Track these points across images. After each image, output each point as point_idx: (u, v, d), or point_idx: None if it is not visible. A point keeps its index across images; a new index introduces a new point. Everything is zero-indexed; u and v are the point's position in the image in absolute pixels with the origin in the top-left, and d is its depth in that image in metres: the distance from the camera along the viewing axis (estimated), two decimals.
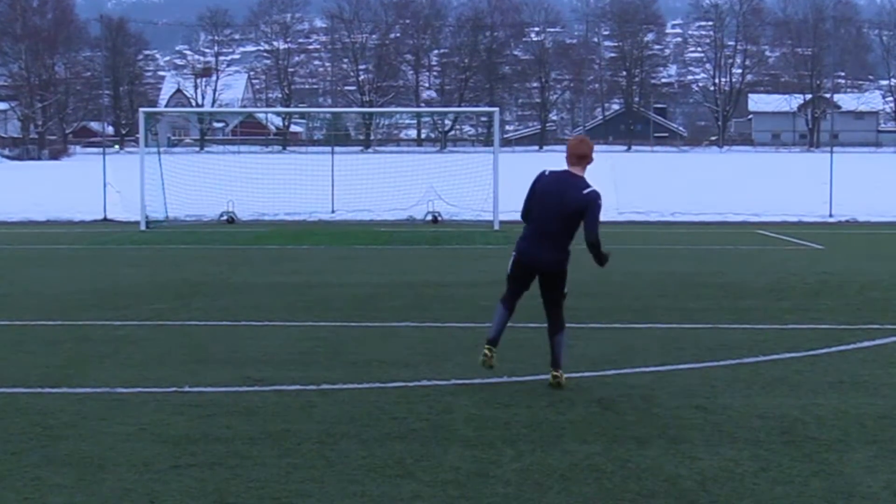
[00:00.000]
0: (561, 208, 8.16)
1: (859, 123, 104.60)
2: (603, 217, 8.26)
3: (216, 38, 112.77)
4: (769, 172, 52.20)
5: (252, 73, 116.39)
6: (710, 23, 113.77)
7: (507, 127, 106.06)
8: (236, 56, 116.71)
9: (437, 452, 6.63)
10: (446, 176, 34.03)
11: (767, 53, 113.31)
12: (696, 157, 78.38)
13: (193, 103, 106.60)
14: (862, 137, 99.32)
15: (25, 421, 7.45)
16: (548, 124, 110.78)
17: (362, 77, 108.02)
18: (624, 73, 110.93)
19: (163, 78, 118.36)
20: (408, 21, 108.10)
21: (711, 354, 9.87)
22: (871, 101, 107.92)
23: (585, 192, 8.14)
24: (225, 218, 31.68)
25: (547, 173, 8.47)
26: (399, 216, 32.80)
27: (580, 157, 8.36)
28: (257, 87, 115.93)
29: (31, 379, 8.85)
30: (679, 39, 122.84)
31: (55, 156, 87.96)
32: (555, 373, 8.44)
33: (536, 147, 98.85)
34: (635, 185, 42.33)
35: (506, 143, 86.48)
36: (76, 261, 20.10)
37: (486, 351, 8.40)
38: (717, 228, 29.33)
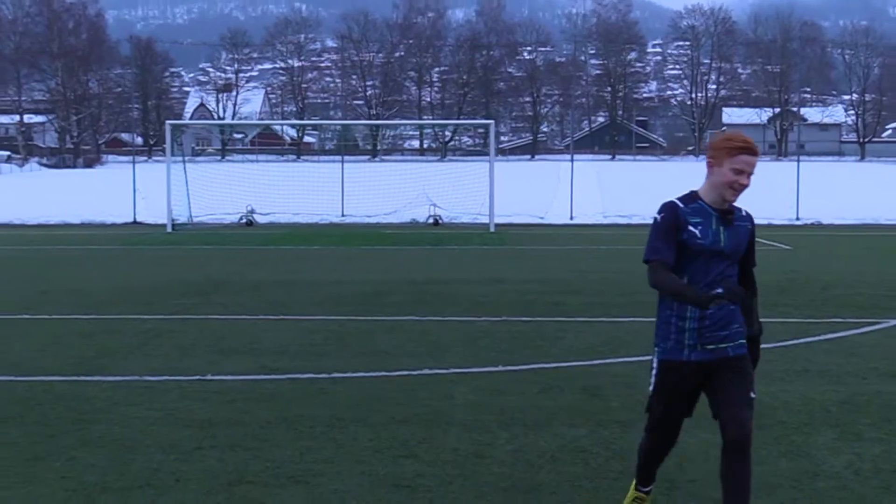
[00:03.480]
0: None
1: (824, 135, 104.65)
2: (589, 220, 8.05)
3: (236, 56, 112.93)
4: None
5: (269, 88, 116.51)
6: (688, 43, 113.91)
7: (502, 138, 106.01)
8: (254, 73, 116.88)
9: (438, 435, 6.64)
10: (446, 183, 34.06)
11: (740, 71, 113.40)
12: (675, 166, 78.32)
13: (215, 116, 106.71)
14: (826, 147, 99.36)
15: (62, 406, 7.47)
16: (539, 135, 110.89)
17: (369, 92, 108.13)
18: (608, 88, 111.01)
19: (187, 93, 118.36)
20: (411, 41, 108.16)
21: None
22: (835, 114, 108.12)
23: None
24: (244, 221, 31.67)
25: None
26: (403, 219, 32.81)
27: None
28: (274, 101, 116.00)
29: (67, 368, 8.86)
30: (659, 58, 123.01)
31: (89, 164, 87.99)
32: None
33: (529, 156, 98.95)
34: (619, 192, 42.33)
35: (500, 152, 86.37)
36: (108, 260, 20.12)
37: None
38: None
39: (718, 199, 4.58)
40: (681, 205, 4.60)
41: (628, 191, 43.09)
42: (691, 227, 4.52)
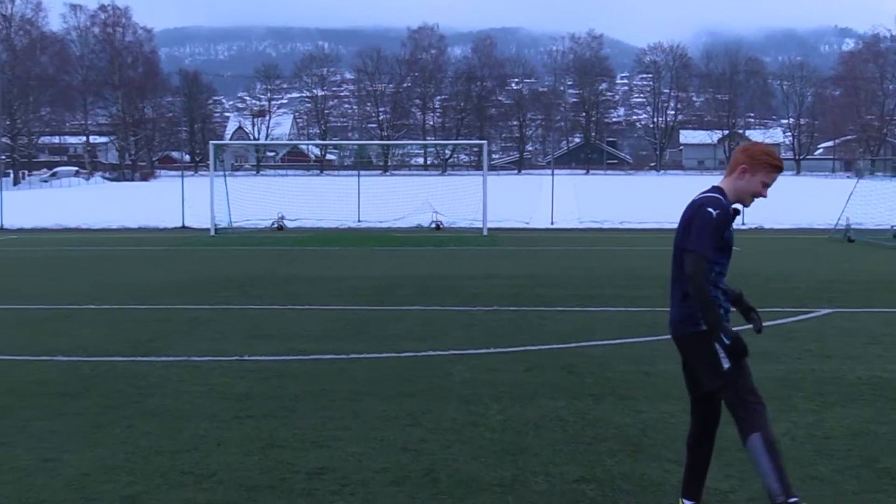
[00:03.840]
0: (677, 237, 4.37)
1: None
2: (567, 225, 7.96)
3: (269, 87, 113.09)
4: (695, 190, 51.88)
5: (296, 113, 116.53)
6: (650, 75, 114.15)
7: (494, 155, 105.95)
8: (284, 101, 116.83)
9: (439, 407, 6.64)
10: (446, 193, 34.05)
11: (694, 99, 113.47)
12: (639, 179, 78.41)
13: (251, 137, 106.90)
14: None
15: (122, 382, 7.48)
16: (525, 153, 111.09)
17: (381, 117, 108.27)
18: (583, 114, 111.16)
19: (227, 118, 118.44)
20: (417, 74, 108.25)
21: (651, 331, 9.88)
22: (775, 135, 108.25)
23: (695, 198, 4.32)
24: (276, 226, 31.63)
25: None
26: (410, 224, 32.76)
27: (731, 165, 4.34)
28: (300, 124, 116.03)
29: (126, 350, 8.87)
30: (626, 88, 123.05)
31: (144, 178, 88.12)
32: None
33: (516, 171, 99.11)
34: (592, 201, 42.32)
35: (492, 168, 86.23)
36: (160, 259, 20.10)
37: None
38: (656, 234, 29.24)
39: (734, 200, 4.26)
40: (728, 204, 4.18)
41: (600, 200, 43.10)
42: (732, 226, 4.24)
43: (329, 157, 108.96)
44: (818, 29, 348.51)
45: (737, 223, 23.94)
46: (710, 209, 4.11)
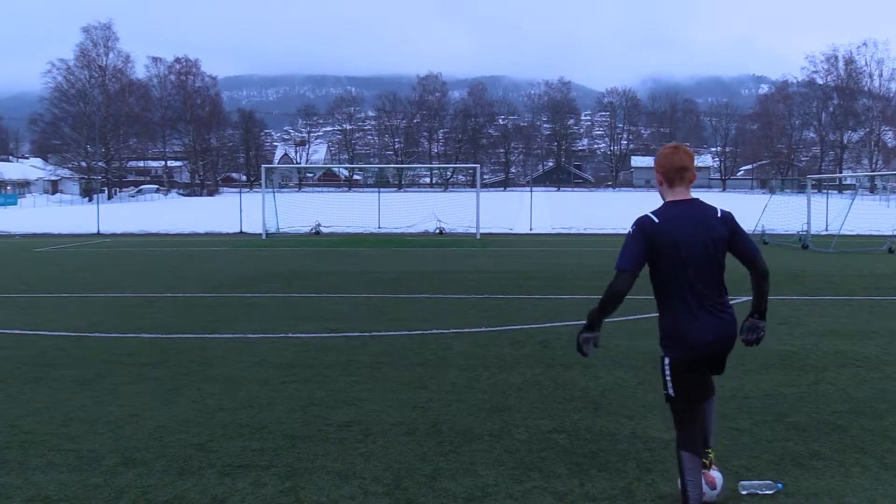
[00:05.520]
0: (714, 246, 3.64)
1: (697, 174, 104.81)
2: (542, 231, 8.00)
3: (308, 122, 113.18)
4: (645, 202, 52.07)
5: (330, 143, 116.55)
6: (608, 112, 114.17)
7: (485, 176, 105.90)
8: (320, 133, 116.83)
9: (442, 373, 6.64)
10: (448, 206, 34.04)
11: (642, 131, 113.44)
12: (600, 195, 78.28)
13: (294, 161, 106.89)
14: (699, 183, 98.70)
15: (192, 354, 7.47)
16: (509, 174, 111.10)
17: (397, 146, 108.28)
18: (555, 143, 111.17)
19: (275, 146, 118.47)
20: (424, 112, 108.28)
21: None
22: (705, 160, 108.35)
23: (720, 212, 3.74)
24: (314, 231, 31.58)
25: (657, 219, 3.63)
26: (419, 230, 32.73)
27: (680, 170, 3.76)
28: (333, 151, 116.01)
29: (195, 328, 8.86)
30: (589, 123, 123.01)
31: (210, 194, 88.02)
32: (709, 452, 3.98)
33: (502, 188, 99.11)
34: (563, 211, 42.28)
35: (483, 186, 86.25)
36: (222, 257, 20.08)
37: None
38: (612, 238, 29.22)
39: None
40: None
41: (568, 211, 43.07)
42: None
43: (355, 177, 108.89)
44: (739, 76, 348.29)
45: None
46: None
